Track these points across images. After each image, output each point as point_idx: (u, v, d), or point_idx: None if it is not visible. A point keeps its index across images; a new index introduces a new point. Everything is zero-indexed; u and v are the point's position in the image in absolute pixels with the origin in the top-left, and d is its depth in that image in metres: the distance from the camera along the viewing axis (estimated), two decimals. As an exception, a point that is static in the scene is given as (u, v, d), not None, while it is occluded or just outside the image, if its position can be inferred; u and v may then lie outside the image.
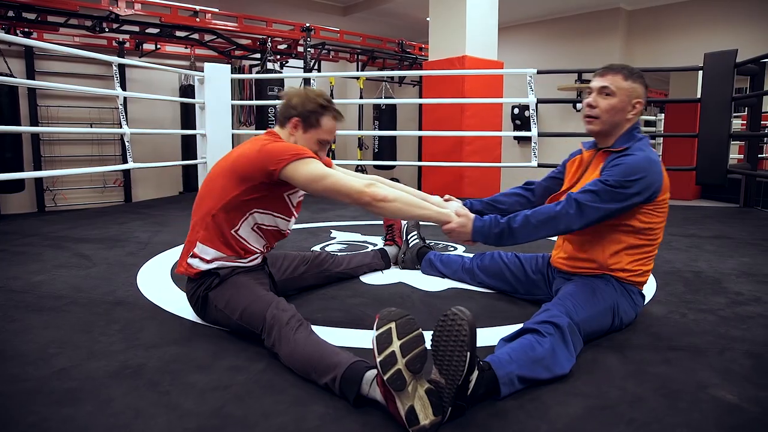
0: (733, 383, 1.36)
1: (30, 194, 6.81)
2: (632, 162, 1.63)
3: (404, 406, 1.13)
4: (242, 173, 1.70)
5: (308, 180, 1.65)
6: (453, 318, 1.18)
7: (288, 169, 1.65)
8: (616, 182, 1.61)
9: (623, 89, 1.71)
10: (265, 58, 7.10)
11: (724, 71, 4.45)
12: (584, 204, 1.62)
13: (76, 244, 3.08)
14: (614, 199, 1.61)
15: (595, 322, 1.60)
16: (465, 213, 1.75)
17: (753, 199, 5.02)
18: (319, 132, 1.81)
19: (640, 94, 1.72)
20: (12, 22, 5.88)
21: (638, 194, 1.61)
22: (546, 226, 1.66)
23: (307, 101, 1.80)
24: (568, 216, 1.63)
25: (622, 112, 1.72)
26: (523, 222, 1.67)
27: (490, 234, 1.70)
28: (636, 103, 1.72)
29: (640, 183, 1.61)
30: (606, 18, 7.67)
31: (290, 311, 1.54)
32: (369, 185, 1.65)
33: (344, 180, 1.66)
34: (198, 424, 1.17)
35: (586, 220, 1.63)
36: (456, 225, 1.73)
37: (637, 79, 1.72)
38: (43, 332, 1.70)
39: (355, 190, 1.64)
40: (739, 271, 2.49)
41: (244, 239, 1.76)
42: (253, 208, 1.74)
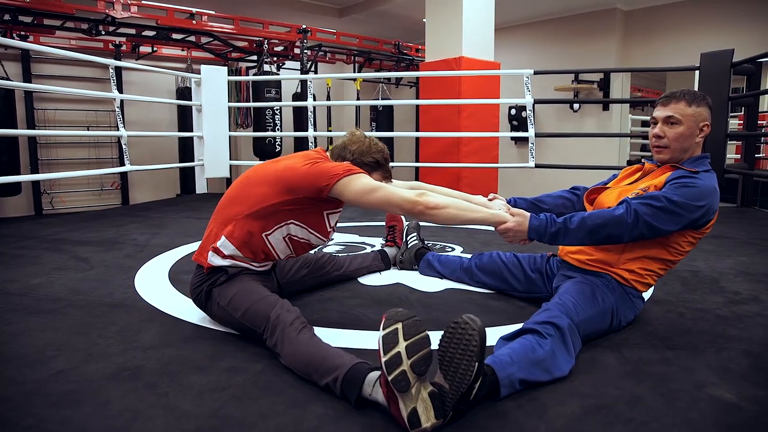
0: (730, 382, 1.37)
1: (27, 197, 6.80)
2: (703, 187, 1.61)
3: (407, 407, 1.13)
4: (289, 185, 1.68)
5: (360, 193, 1.64)
6: (464, 327, 1.17)
7: (340, 185, 1.64)
8: (683, 203, 1.58)
9: (689, 115, 1.69)
10: (261, 60, 7.10)
11: (721, 71, 4.46)
12: (642, 217, 1.59)
13: (73, 246, 3.08)
14: (672, 221, 1.59)
15: (594, 323, 1.60)
16: (519, 212, 1.74)
17: (750, 199, 5.03)
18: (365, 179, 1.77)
19: (706, 117, 1.70)
20: (8, 26, 5.87)
21: (696, 221, 1.61)
22: (602, 229, 1.62)
23: (366, 153, 1.81)
24: (625, 225, 1.60)
25: (690, 138, 1.71)
26: (579, 223, 1.65)
27: (546, 233, 1.68)
28: (703, 126, 1.70)
29: (702, 210, 1.60)
30: (603, 18, 7.69)
31: (294, 313, 1.54)
32: (420, 194, 1.66)
33: (395, 191, 1.67)
34: (196, 425, 1.17)
35: (638, 233, 1.60)
36: (513, 224, 1.71)
37: (701, 102, 1.71)
38: (41, 335, 1.70)
39: (408, 200, 1.64)
40: (737, 271, 2.49)
41: (272, 246, 1.75)
42: (291, 219, 1.72)
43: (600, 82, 7.69)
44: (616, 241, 1.66)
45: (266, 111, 6.88)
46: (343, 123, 9.58)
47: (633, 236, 1.62)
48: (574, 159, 7.06)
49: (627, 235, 1.61)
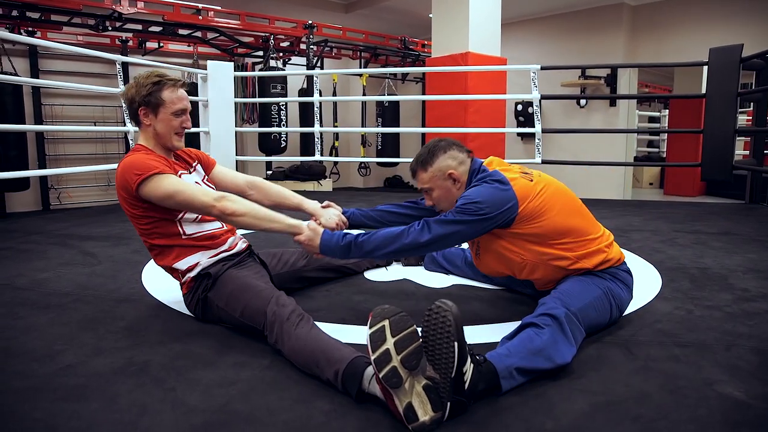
0: (740, 379, 1.36)
1: (35, 192, 6.83)
2: (470, 192, 1.67)
3: (402, 403, 1.13)
4: (126, 204, 1.75)
5: (161, 197, 1.68)
6: (437, 311, 1.19)
7: (143, 189, 1.68)
8: (460, 207, 1.63)
9: (431, 179, 1.77)
10: (267, 55, 7.09)
11: (730, 66, 4.42)
12: (431, 222, 1.64)
13: (81, 241, 3.09)
14: (459, 218, 1.62)
15: (592, 309, 1.59)
16: (314, 227, 1.76)
17: (759, 195, 4.99)
18: (167, 107, 1.80)
19: (447, 165, 1.75)
20: (16, 22, 5.89)
21: (485, 215, 1.61)
22: (391, 242, 1.66)
23: (140, 87, 1.79)
24: (414, 232, 1.65)
25: (448, 193, 1.77)
26: (368, 238, 1.69)
27: (337, 249, 1.72)
28: (449, 174, 1.75)
29: (483, 206, 1.60)
30: (610, 13, 7.64)
31: (290, 306, 1.54)
32: (219, 199, 1.69)
33: (195, 194, 1.69)
34: (204, 420, 1.17)
35: (432, 235, 1.63)
36: (305, 238, 1.75)
37: (432, 158, 1.76)
38: (49, 329, 1.71)
39: (206, 204, 1.68)
40: (746, 268, 2.47)
41: (198, 232, 1.79)
42: (175, 218, 1.76)
43: (607, 78, 7.64)
44: (415, 247, 1.66)
45: (272, 107, 6.88)
46: (349, 119, 9.58)
47: (429, 237, 1.63)
48: (581, 155, 7.03)
49: (422, 236, 1.63)
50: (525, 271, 1.75)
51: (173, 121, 1.81)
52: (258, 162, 7.73)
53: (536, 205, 1.65)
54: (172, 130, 1.82)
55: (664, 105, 9.78)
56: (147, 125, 1.81)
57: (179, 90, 1.83)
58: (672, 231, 3.42)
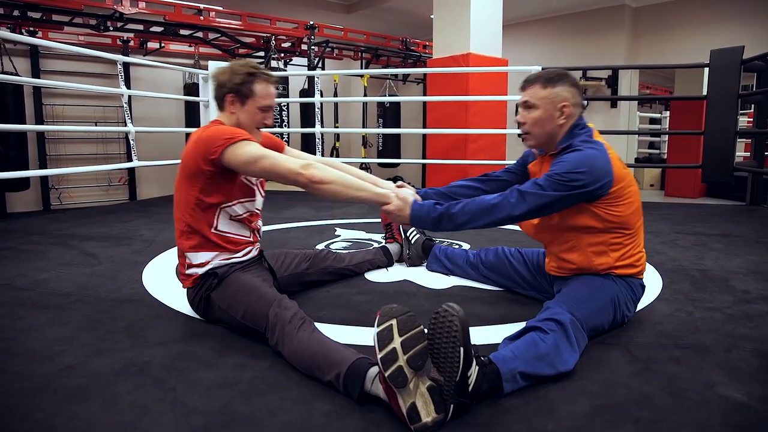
0: (740, 381, 1.36)
1: (35, 193, 6.84)
2: (574, 158, 1.60)
3: (406, 403, 1.13)
4: (191, 169, 1.71)
5: (245, 162, 1.64)
6: (444, 315, 1.18)
7: (226, 155, 1.64)
8: (558, 175, 1.58)
9: (543, 98, 1.68)
10: (269, 56, 7.10)
11: (731, 68, 4.42)
12: (526, 192, 1.60)
13: (81, 242, 3.09)
14: (557, 189, 1.58)
15: (596, 317, 1.59)
16: (404, 196, 1.73)
17: (760, 197, 4.99)
18: (256, 100, 1.79)
19: (564, 97, 1.67)
20: (17, 21, 5.90)
21: (583, 188, 1.57)
22: (486, 213, 1.63)
23: (233, 75, 1.78)
24: (509, 204, 1.61)
25: (550, 121, 1.68)
26: (462, 208, 1.65)
27: (428, 218, 1.68)
28: (562, 107, 1.67)
29: (584, 177, 1.56)
30: (611, 15, 7.63)
31: (292, 309, 1.54)
32: (306, 166, 1.64)
33: (281, 161, 1.65)
34: (204, 421, 1.17)
35: (528, 206, 1.59)
36: (394, 207, 1.72)
37: (557, 83, 1.68)
38: (49, 330, 1.71)
39: (292, 171, 1.63)
40: (747, 269, 2.47)
41: (227, 232, 1.77)
42: (221, 203, 1.75)
43: (608, 79, 7.63)
44: (508, 221, 1.64)
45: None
46: (351, 119, 9.58)
47: (524, 209, 1.60)
48: (581, 156, 7.01)
49: (517, 208, 1.60)
50: (565, 246, 1.72)
51: (257, 114, 1.81)
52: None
53: (624, 192, 1.63)
54: (254, 124, 1.81)
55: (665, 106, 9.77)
56: (231, 113, 1.80)
57: (271, 86, 1.82)
58: (673, 232, 3.42)
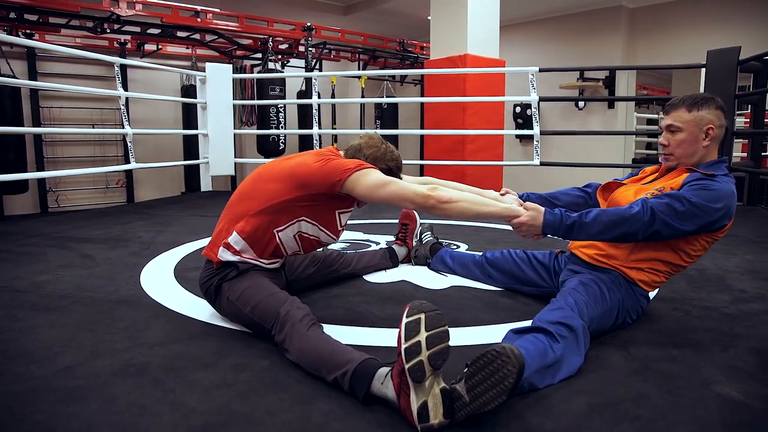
0: (737, 380, 1.36)
1: (33, 195, 6.82)
2: (721, 190, 1.60)
3: (418, 400, 1.13)
4: (302, 180, 1.69)
5: (372, 187, 1.65)
6: (505, 360, 1.12)
7: (352, 179, 1.65)
8: (700, 204, 1.57)
9: (688, 121, 1.69)
10: (266, 57, 7.10)
11: (727, 68, 4.43)
12: (659, 217, 1.57)
13: (79, 244, 3.09)
14: (690, 221, 1.57)
15: (601, 320, 1.60)
16: (534, 206, 1.72)
17: (756, 197, 5.00)
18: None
19: (710, 120, 1.67)
20: (14, 24, 5.89)
21: (712, 223, 1.59)
22: (617, 226, 1.61)
23: (379, 160, 1.81)
24: (641, 222, 1.58)
25: (694, 143, 1.69)
26: (594, 218, 1.64)
27: (561, 227, 1.66)
28: (708, 129, 1.67)
29: (720, 213, 1.58)
30: (608, 16, 7.66)
31: (305, 310, 1.55)
32: (433, 189, 1.66)
33: (407, 186, 1.67)
34: (203, 421, 1.17)
35: (653, 231, 1.59)
36: (527, 218, 1.70)
37: (702, 106, 1.68)
38: (48, 331, 1.71)
39: (419, 195, 1.64)
40: (743, 269, 2.48)
41: (282, 242, 1.76)
42: (303, 215, 1.73)
43: (605, 80, 7.66)
44: (631, 239, 1.64)
45: (271, 109, 6.89)
46: (348, 121, 9.58)
47: (648, 234, 1.60)
48: (579, 157, 7.03)
49: (642, 232, 1.59)
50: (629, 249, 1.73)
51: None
52: (257, 164, 7.71)
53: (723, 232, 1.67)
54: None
55: (662, 107, 9.80)
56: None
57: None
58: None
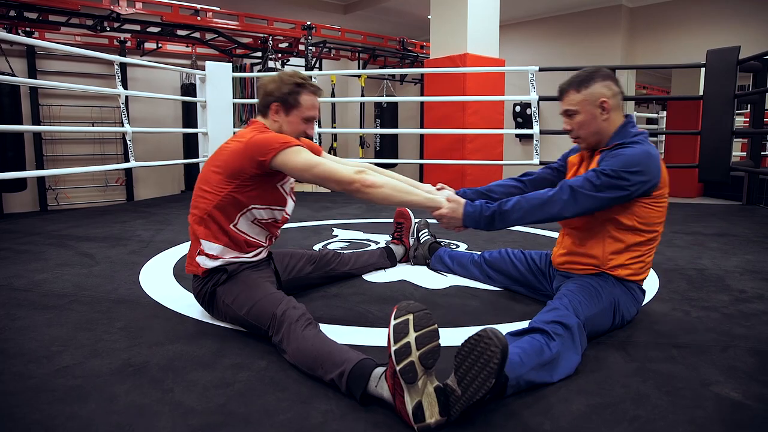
0: (736, 380, 1.36)
1: (32, 193, 6.82)
2: (631, 153, 1.61)
3: (412, 400, 1.13)
4: (233, 168, 1.71)
5: (300, 168, 1.66)
6: (487, 342, 1.13)
7: (278, 159, 1.66)
8: (613, 172, 1.58)
9: (581, 102, 1.71)
10: (266, 56, 7.10)
11: (727, 68, 4.44)
12: (578, 191, 1.60)
13: (78, 242, 3.09)
14: (609, 188, 1.58)
15: (597, 320, 1.60)
16: (456, 199, 1.74)
17: (756, 197, 5.01)
18: (301, 110, 1.81)
19: (601, 93, 1.68)
20: (14, 22, 5.89)
21: (635, 186, 1.58)
22: (538, 210, 1.63)
23: (282, 84, 1.79)
24: (561, 201, 1.61)
25: (594, 121, 1.70)
26: (514, 206, 1.66)
27: (481, 218, 1.68)
28: (602, 103, 1.69)
29: (638, 175, 1.58)
30: (608, 15, 7.65)
31: (301, 309, 1.55)
32: (359, 172, 1.66)
33: (335, 167, 1.67)
34: (201, 421, 1.17)
35: (580, 207, 1.60)
36: (447, 210, 1.72)
37: (590, 82, 1.70)
38: (47, 330, 1.71)
39: (345, 176, 1.65)
40: (743, 269, 2.48)
41: (245, 233, 1.78)
42: (251, 204, 1.75)
43: (605, 79, 7.65)
44: (557, 218, 1.65)
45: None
46: (348, 120, 9.58)
47: (575, 210, 1.61)
48: (578, 156, 7.03)
49: (567, 209, 1.61)
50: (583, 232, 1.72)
51: (301, 125, 1.82)
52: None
53: (663, 196, 1.65)
54: (296, 133, 1.82)
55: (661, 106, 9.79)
56: (274, 120, 1.81)
57: (316, 98, 1.84)
58: (669, 232, 3.43)
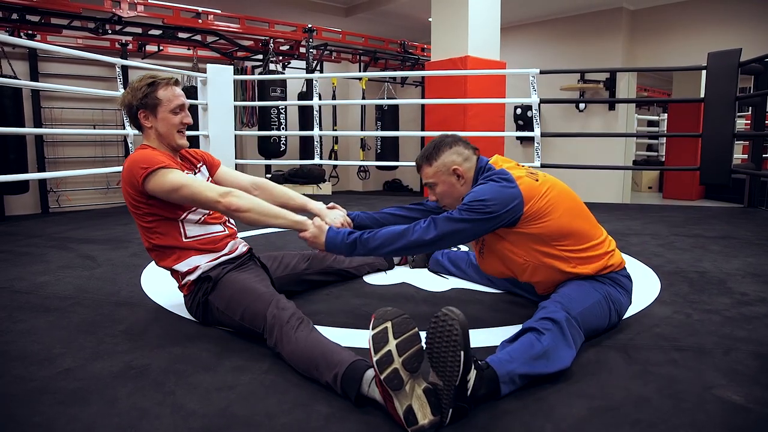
0: (738, 384, 1.36)
1: (34, 195, 6.83)
2: (477, 190, 1.68)
3: (402, 405, 1.13)
4: (131, 201, 1.75)
5: (166, 190, 1.69)
6: (444, 319, 1.18)
7: (148, 184, 1.68)
8: (467, 204, 1.64)
9: (435, 174, 1.78)
10: (267, 59, 7.11)
11: (728, 70, 4.43)
12: (437, 219, 1.66)
13: (80, 245, 3.09)
14: (467, 213, 1.63)
15: (591, 313, 1.60)
16: (320, 224, 1.77)
17: (757, 199, 5.00)
18: (164, 105, 1.82)
19: (452, 161, 1.76)
20: (16, 25, 5.90)
21: (492, 213, 1.61)
22: (397, 239, 1.67)
23: (135, 91, 1.81)
24: (420, 230, 1.66)
25: (453, 188, 1.78)
26: (374, 235, 1.70)
27: (342, 246, 1.72)
28: (454, 171, 1.75)
29: (490, 203, 1.61)
30: (609, 18, 7.66)
31: (290, 309, 1.54)
32: (225, 194, 1.70)
33: (201, 189, 1.70)
34: (203, 424, 1.17)
35: (438, 231, 1.64)
36: (309, 235, 1.76)
37: (438, 154, 1.76)
38: (48, 333, 1.71)
39: (211, 199, 1.69)
40: (744, 272, 2.48)
41: (199, 235, 1.79)
42: (176, 218, 1.77)
43: (606, 82, 7.65)
44: (420, 244, 1.67)
45: (272, 110, 6.89)
46: (349, 122, 9.59)
47: (433, 235, 1.64)
48: (580, 159, 7.04)
49: (427, 234, 1.64)
50: (527, 273, 1.75)
51: (173, 118, 1.82)
52: (257, 165, 7.73)
53: (541, 205, 1.66)
54: (174, 128, 1.83)
55: (663, 109, 9.81)
56: (149, 127, 1.83)
57: (174, 87, 1.85)
58: (671, 235, 3.42)
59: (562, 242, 1.68)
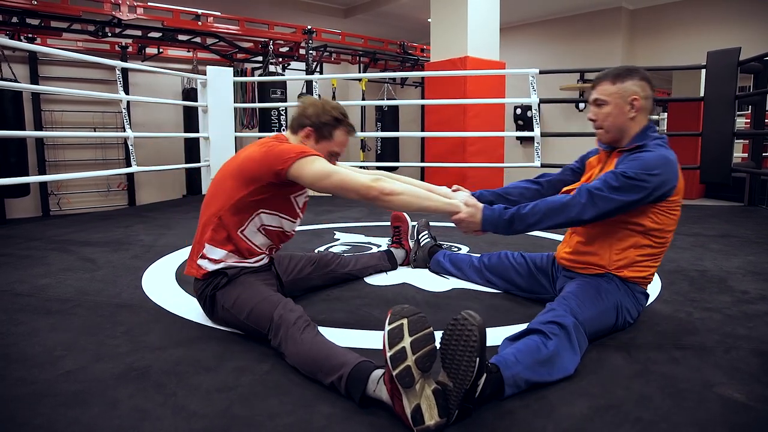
0: (740, 382, 1.36)
1: (35, 198, 6.84)
2: (649, 158, 1.61)
3: (411, 404, 1.13)
4: (250, 174, 1.71)
5: (316, 178, 1.65)
6: (463, 323, 1.17)
7: (295, 168, 1.65)
8: (634, 174, 1.57)
9: (612, 94, 1.70)
10: (267, 60, 7.12)
11: (728, 69, 4.43)
12: (596, 194, 1.59)
13: (80, 247, 3.09)
14: (628, 192, 1.57)
15: (599, 320, 1.60)
16: (474, 203, 1.73)
17: (757, 198, 5.00)
18: (330, 144, 1.82)
19: (634, 91, 1.68)
20: (16, 28, 5.91)
21: (653, 190, 1.58)
22: (556, 214, 1.63)
23: (322, 113, 1.80)
24: (579, 205, 1.60)
25: (621, 115, 1.70)
26: (532, 210, 1.65)
27: (500, 222, 1.67)
28: (632, 100, 1.68)
29: (656, 179, 1.57)
30: (608, 17, 7.66)
31: (297, 312, 1.55)
32: (376, 180, 1.66)
33: (351, 176, 1.66)
34: (205, 425, 1.17)
35: (598, 210, 1.59)
36: (465, 215, 1.71)
37: (626, 78, 1.69)
38: (50, 335, 1.71)
39: (363, 185, 1.64)
40: (745, 270, 2.48)
41: (249, 240, 1.78)
42: (260, 208, 1.75)
43: (606, 81, 7.65)
44: (578, 222, 1.64)
45: (272, 111, 6.90)
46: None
47: (593, 213, 1.60)
48: (579, 158, 7.03)
49: (587, 212, 1.60)
50: (598, 237, 1.71)
51: (325, 157, 1.79)
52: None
53: (677, 203, 1.64)
54: None
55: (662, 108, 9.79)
56: (302, 142, 1.81)
57: (349, 137, 1.86)
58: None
59: (649, 242, 1.66)
